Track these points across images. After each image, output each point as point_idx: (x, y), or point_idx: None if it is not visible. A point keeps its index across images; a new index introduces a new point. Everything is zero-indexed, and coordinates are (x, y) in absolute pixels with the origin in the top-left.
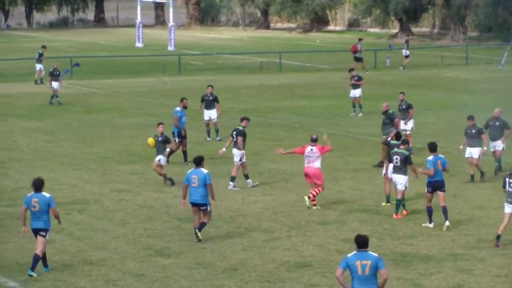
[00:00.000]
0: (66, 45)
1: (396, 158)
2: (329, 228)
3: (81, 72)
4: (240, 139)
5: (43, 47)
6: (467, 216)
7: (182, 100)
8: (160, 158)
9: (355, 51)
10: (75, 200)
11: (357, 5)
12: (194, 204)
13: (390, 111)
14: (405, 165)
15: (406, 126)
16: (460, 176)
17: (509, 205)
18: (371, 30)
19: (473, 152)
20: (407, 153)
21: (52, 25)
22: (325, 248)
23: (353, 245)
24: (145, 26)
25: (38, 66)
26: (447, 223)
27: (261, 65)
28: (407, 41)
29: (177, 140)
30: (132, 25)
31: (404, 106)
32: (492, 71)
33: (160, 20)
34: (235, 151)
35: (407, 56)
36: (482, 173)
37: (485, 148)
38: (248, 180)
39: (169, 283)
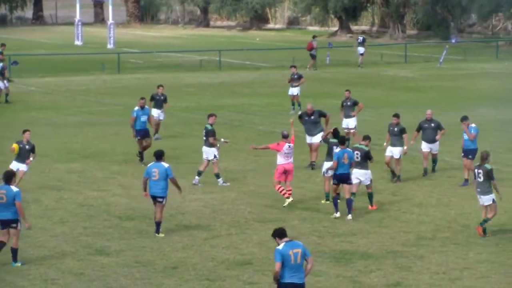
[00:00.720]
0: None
1: (357, 154)
2: (269, 226)
3: (20, 70)
4: (211, 139)
5: (3, 45)
6: (406, 213)
7: (140, 99)
8: (20, 166)
9: (310, 48)
10: None
11: (296, 3)
12: (152, 197)
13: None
14: (365, 160)
15: (349, 124)
16: (404, 174)
17: (481, 196)
18: (311, 28)
19: (394, 151)
20: (367, 148)
21: None
22: (265, 246)
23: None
24: (84, 24)
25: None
26: (349, 216)
27: (201, 63)
28: (364, 40)
29: (137, 139)
30: (71, 23)
31: (349, 103)
32: (431, 69)
33: (99, 18)
34: (205, 148)
35: (362, 54)
36: (393, 174)
37: (406, 147)
38: (219, 179)
39: (108, 282)
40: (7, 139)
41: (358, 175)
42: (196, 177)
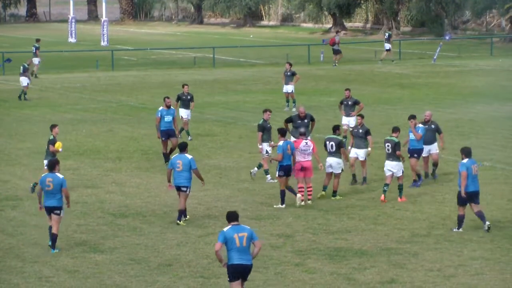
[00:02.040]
0: None
1: (388, 145)
2: (264, 223)
3: (14, 67)
4: (259, 134)
5: (38, 40)
6: (400, 210)
7: (165, 99)
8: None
9: (333, 43)
10: (8, 196)
11: (290, 0)
12: (177, 188)
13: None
14: (395, 152)
15: (350, 122)
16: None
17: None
18: (305, 25)
19: (359, 153)
20: (397, 140)
21: None
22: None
23: (287, 239)
24: (78, 21)
25: (36, 60)
26: (283, 206)
27: (194, 60)
28: (390, 36)
29: (161, 140)
30: (65, 20)
31: (350, 102)
32: (425, 66)
33: (93, 15)
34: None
35: (388, 50)
36: (354, 178)
37: (370, 149)
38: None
39: (102, 279)
40: (0, 136)
41: (390, 166)
42: (256, 168)
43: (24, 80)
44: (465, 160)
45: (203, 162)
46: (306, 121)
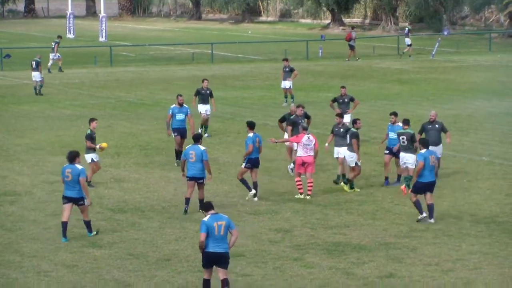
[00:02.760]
0: None
1: (403, 138)
2: (262, 218)
3: (12, 63)
4: (288, 128)
5: (59, 37)
6: (399, 205)
7: (178, 96)
8: (92, 156)
9: (349, 39)
10: (6, 192)
11: None
12: (191, 178)
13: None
14: (411, 144)
15: (345, 119)
16: (392, 166)
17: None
18: (303, 21)
19: (341, 151)
20: (412, 132)
21: None
22: (258, 238)
23: (286, 234)
24: (76, 17)
25: (52, 55)
26: (253, 194)
27: (193, 56)
28: (409, 31)
29: (174, 136)
30: (63, 16)
31: (346, 100)
32: (423, 61)
33: (91, 11)
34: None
35: (409, 45)
36: (343, 176)
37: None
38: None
39: (101, 274)
40: None
41: (406, 159)
42: (292, 163)
43: (37, 75)
44: (423, 151)
45: None
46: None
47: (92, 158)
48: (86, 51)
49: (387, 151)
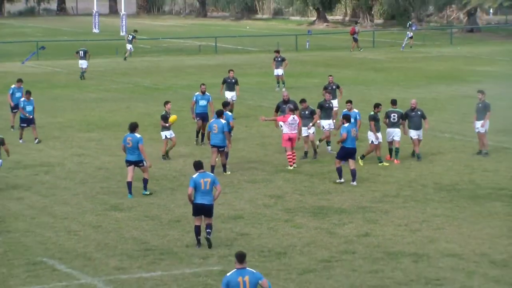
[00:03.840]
0: (33, 31)
1: (394, 115)
2: (258, 186)
3: (46, 54)
4: (318, 111)
5: (136, 31)
6: (373, 175)
7: (201, 85)
8: (167, 133)
9: (353, 32)
10: (42, 163)
11: None
12: (213, 146)
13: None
14: (398, 121)
15: (334, 104)
16: (366, 142)
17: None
18: (293, 18)
19: (309, 131)
20: (401, 110)
21: (21, 14)
22: (255, 203)
23: (278, 199)
24: (100, 14)
25: (129, 46)
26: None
27: (199, 48)
28: (410, 25)
29: (196, 120)
30: (90, 14)
31: (334, 87)
32: (395, 53)
33: (113, 10)
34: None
35: (410, 37)
36: (315, 151)
37: (311, 124)
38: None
39: (122, 233)
40: (35, 112)
41: (395, 133)
42: (328, 147)
43: (84, 63)
44: (346, 125)
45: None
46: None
47: (165, 135)
48: (109, 44)
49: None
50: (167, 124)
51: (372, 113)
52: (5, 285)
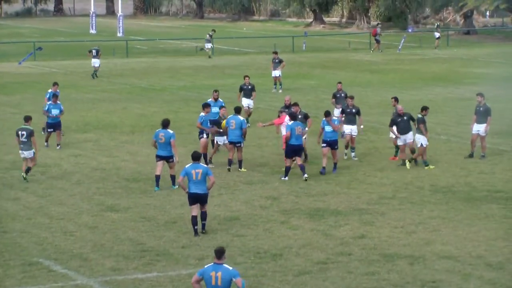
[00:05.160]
0: (30, 32)
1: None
2: (254, 187)
3: (43, 54)
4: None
5: (214, 30)
6: (370, 176)
7: (213, 92)
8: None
9: (375, 34)
10: (38, 163)
11: None
12: (230, 142)
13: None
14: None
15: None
16: (365, 143)
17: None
18: (290, 19)
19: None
20: (420, 116)
21: (18, 15)
22: (251, 204)
23: (274, 201)
24: (97, 15)
25: (208, 45)
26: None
27: (196, 49)
28: (438, 26)
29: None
30: (87, 15)
31: (342, 95)
32: (391, 55)
33: (110, 11)
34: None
35: (438, 38)
36: (306, 156)
37: (307, 129)
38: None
39: (118, 234)
40: (32, 112)
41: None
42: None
43: (96, 62)
44: (290, 123)
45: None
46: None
47: (217, 141)
48: (106, 44)
49: (324, 144)
50: (221, 130)
51: (420, 115)
52: (1, 285)
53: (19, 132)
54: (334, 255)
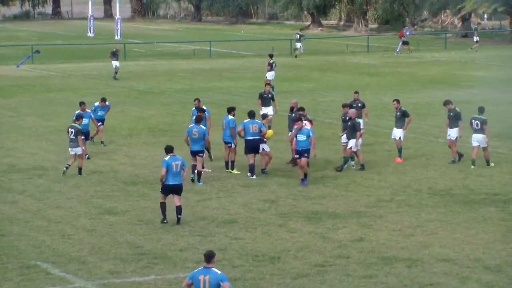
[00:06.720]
0: (28, 35)
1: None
2: (252, 190)
3: (41, 57)
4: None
5: (302, 29)
6: (368, 179)
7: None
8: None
9: (401, 35)
10: (36, 166)
11: (276, 1)
12: (225, 143)
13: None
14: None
15: (362, 124)
16: (362, 147)
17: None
18: (288, 22)
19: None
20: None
21: (15, 18)
22: (249, 207)
23: (272, 204)
24: (95, 18)
25: (298, 45)
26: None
27: (194, 52)
28: (476, 29)
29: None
30: (85, 18)
31: (360, 104)
32: (389, 57)
33: (108, 14)
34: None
35: (477, 41)
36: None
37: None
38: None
39: (115, 237)
40: (30, 116)
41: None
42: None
43: (117, 63)
44: (246, 120)
45: None
46: (294, 115)
47: (263, 148)
48: (104, 47)
49: (297, 156)
50: (264, 139)
51: (483, 117)
52: None
53: (69, 130)
54: (332, 258)
